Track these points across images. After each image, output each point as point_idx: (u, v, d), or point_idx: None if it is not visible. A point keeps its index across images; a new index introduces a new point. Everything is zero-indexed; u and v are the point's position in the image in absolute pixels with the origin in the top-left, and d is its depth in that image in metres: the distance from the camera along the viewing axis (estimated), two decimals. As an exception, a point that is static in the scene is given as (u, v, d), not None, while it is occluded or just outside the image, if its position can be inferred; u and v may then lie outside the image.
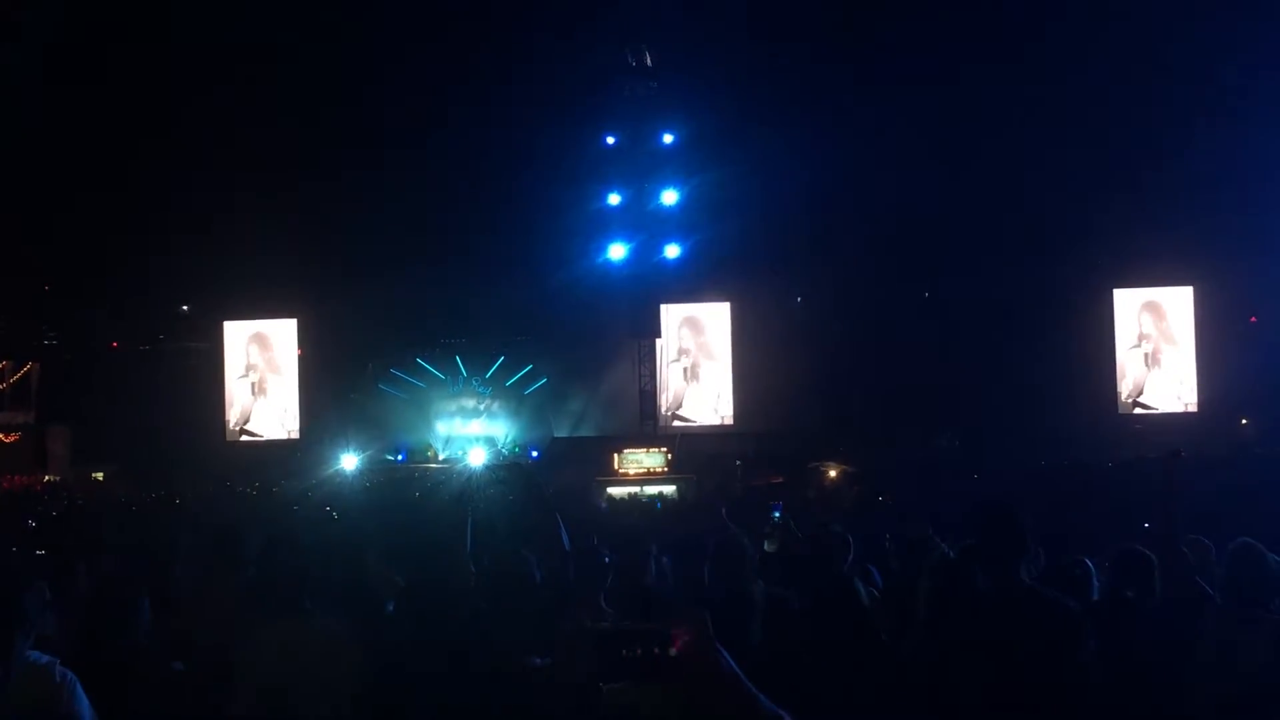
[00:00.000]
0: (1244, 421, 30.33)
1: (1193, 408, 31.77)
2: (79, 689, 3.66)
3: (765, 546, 7.87)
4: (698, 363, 33.83)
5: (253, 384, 35.04)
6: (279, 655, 4.35)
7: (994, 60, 27.61)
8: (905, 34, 28.58)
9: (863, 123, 28.95)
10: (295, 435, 34.33)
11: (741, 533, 5.87)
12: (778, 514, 9.36)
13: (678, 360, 33.75)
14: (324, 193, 31.20)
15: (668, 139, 31.44)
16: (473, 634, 4.40)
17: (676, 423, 33.14)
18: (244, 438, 34.62)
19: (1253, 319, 31.32)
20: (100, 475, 31.40)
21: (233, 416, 34.86)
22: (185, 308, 36.14)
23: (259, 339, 35.21)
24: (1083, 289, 31.80)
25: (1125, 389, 32.27)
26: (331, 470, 27.96)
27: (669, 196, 31.33)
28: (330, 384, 33.61)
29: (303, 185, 31.02)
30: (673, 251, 31.37)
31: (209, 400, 34.52)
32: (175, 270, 32.55)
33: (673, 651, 2.26)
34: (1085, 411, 30.38)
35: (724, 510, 9.41)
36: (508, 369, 34.34)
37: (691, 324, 33.92)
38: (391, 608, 4.90)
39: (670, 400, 33.50)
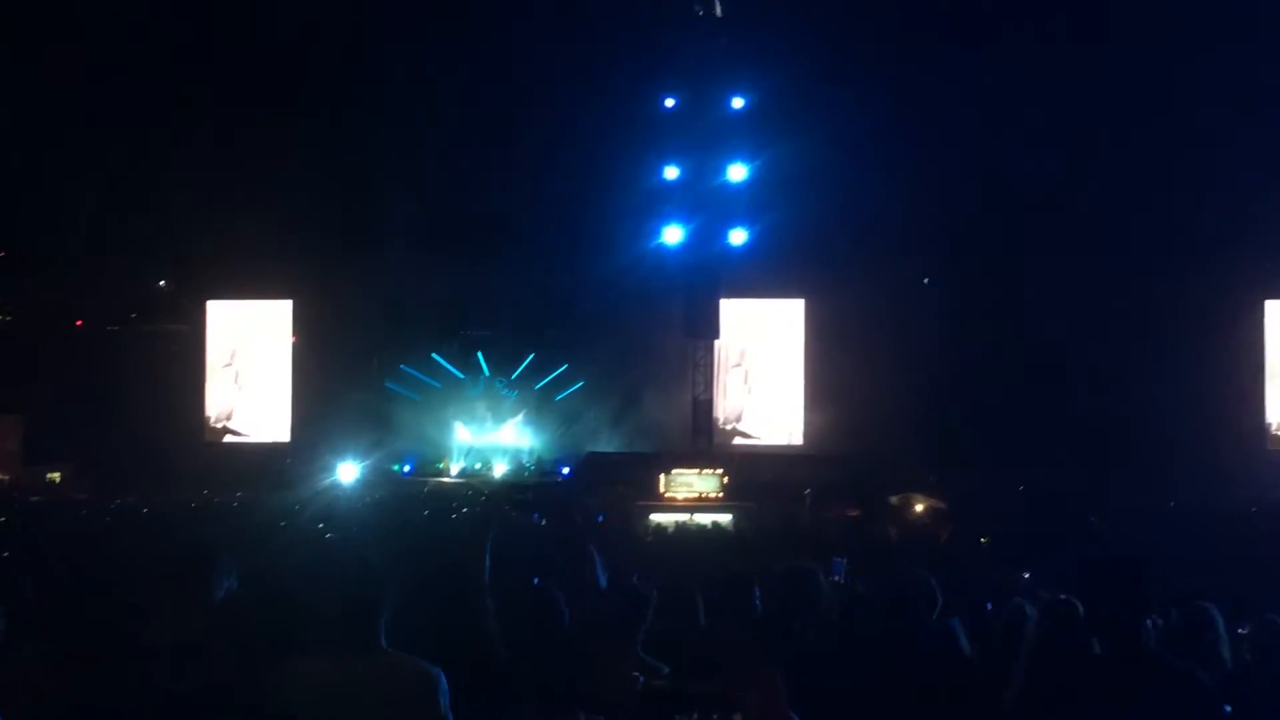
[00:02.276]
0: None
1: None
2: None
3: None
4: (763, 370, 33.77)
5: (238, 374, 35.34)
6: (352, 698, 4.35)
7: (1134, 20, 27.36)
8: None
9: (971, 89, 28.72)
10: (285, 438, 34.56)
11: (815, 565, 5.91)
12: (839, 574, 9.32)
13: (739, 365, 33.70)
14: (331, 156, 31.29)
15: (737, 103, 31.27)
16: (492, 682, 4.44)
17: (737, 440, 33.10)
18: (226, 437, 34.92)
19: None
20: (57, 476, 31.64)
21: (213, 411, 35.16)
22: (162, 283, 36.40)
23: (247, 322, 35.51)
24: (1229, 299, 31.43)
25: (1277, 419, 31.91)
26: (327, 481, 28.16)
27: (736, 172, 31.19)
28: (328, 378, 33.77)
29: (307, 147, 31.10)
30: (738, 237, 31.24)
31: (187, 392, 34.80)
32: (152, 239, 32.81)
33: (738, 718, 2.29)
34: (1228, 444, 30.05)
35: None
36: (538, 369, 34.41)
37: (758, 324, 33.88)
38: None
39: (728, 413, 33.45)
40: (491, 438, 34.12)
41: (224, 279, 34.56)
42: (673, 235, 31.37)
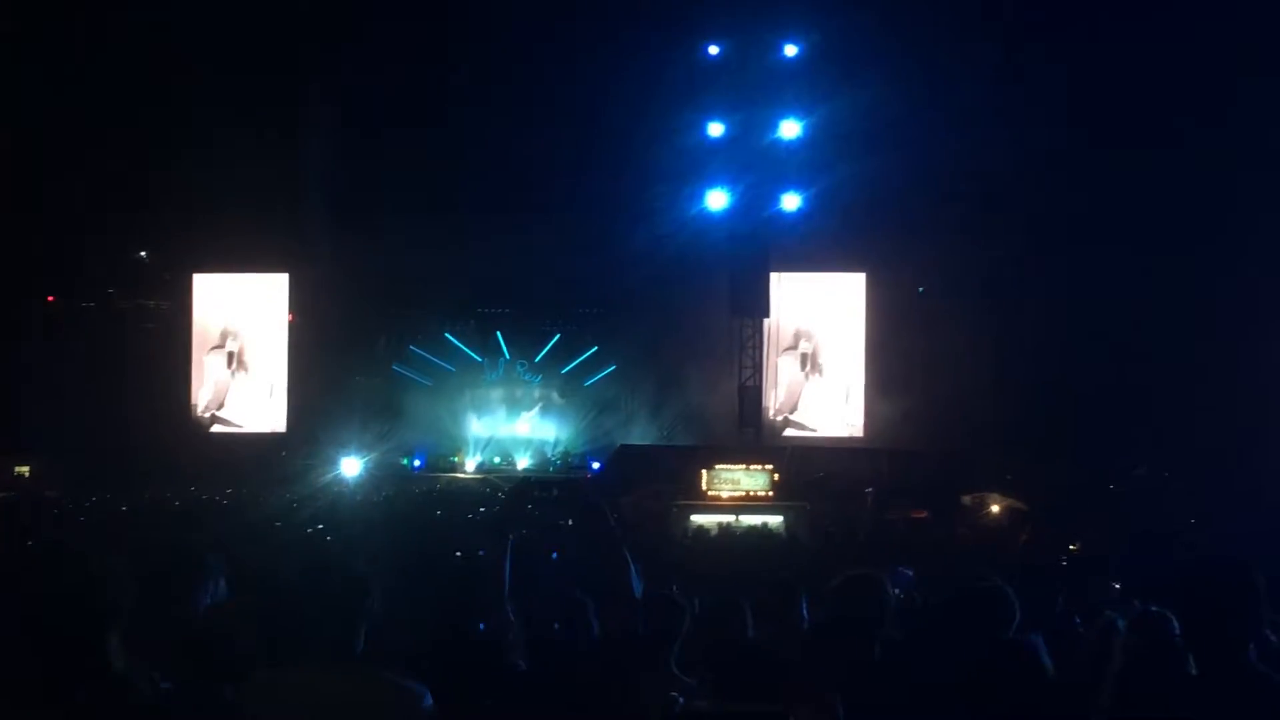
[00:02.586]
0: None
1: None
2: None
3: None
4: (819, 353, 33.69)
5: (229, 356, 35.44)
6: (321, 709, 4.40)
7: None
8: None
9: (1059, 27, 28.48)
10: (281, 428, 34.66)
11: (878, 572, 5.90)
12: (903, 584, 9.25)
13: (793, 348, 33.63)
14: (332, 111, 31.29)
15: (790, 50, 31.22)
16: (510, 699, 4.46)
17: (789, 431, 33.05)
18: (216, 427, 35.04)
19: None
20: (25, 470, 31.82)
21: (201, 398, 35.29)
22: (143, 254, 36.50)
23: (239, 299, 35.61)
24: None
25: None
26: (328, 477, 28.28)
27: (789, 128, 31.15)
28: (329, 361, 33.84)
29: (303, 100, 31.12)
30: (791, 202, 31.21)
31: (171, 376, 34.92)
32: (131, 205, 32.86)
33: None
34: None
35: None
36: (564, 351, 34.50)
37: (814, 301, 33.81)
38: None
39: (782, 400, 33.40)
40: (512, 428, 34.19)
41: (212, 250, 34.55)
42: (717, 200, 31.33)
